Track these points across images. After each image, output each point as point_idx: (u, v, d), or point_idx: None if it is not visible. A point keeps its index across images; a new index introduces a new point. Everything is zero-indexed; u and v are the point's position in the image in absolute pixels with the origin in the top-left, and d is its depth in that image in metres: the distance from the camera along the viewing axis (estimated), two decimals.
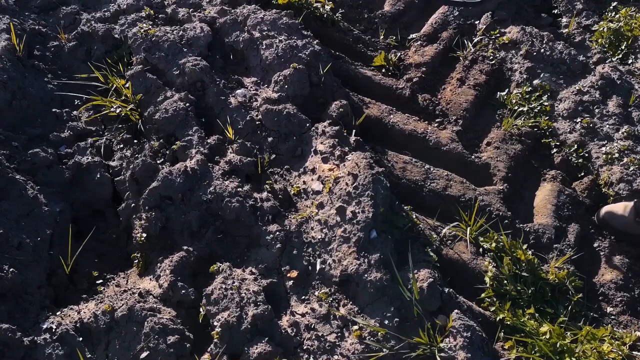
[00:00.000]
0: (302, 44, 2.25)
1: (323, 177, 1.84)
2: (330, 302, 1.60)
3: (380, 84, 2.41)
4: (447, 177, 2.04)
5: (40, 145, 2.04)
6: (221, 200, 1.80)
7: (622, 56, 2.41)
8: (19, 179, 1.86)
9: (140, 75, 2.21)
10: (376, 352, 1.46)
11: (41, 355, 1.49)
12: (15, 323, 1.53)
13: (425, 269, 1.58)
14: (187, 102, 2.11)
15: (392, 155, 2.11)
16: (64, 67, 2.45)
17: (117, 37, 2.47)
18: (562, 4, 2.69)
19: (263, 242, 1.75)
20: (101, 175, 1.99)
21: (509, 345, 1.54)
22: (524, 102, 2.27)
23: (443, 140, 2.17)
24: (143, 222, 1.80)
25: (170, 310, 1.63)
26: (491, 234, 1.84)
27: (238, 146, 1.98)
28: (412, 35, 2.64)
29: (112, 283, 1.77)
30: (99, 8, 2.72)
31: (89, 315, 1.58)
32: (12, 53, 2.29)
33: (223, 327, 1.52)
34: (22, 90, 2.20)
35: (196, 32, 2.37)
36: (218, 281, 1.63)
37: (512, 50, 2.46)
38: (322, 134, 1.96)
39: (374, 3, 2.88)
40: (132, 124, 2.18)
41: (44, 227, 1.79)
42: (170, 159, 1.99)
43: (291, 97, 2.11)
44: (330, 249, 1.67)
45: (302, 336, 1.54)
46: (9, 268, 1.62)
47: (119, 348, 1.53)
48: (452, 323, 1.47)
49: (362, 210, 1.67)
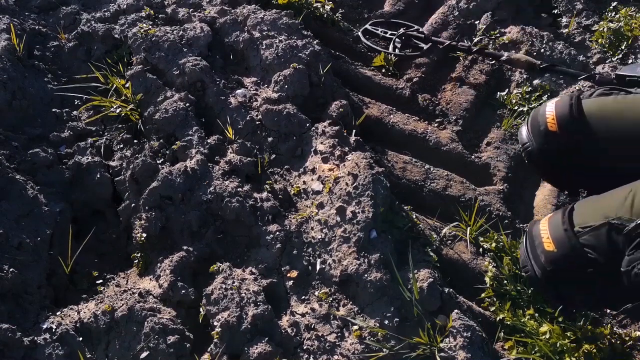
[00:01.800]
0: (302, 44, 2.25)
1: (323, 177, 1.84)
2: (330, 302, 1.60)
3: (380, 84, 2.41)
4: (447, 177, 2.04)
5: (40, 145, 2.04)
6: (221, 200, 1.80)
7: (622, 56, 2.41)
8: (19, 179, 1.86)
9: (140, 75, 2.21)
10: (376, 352, 1.46)
11: (41, 355, 1.49)
12: (15, 323, 1.53)
13: (425, 269, 1.58)
14: (187, 102, 2.11)
15: (392, 155, 2.11)
16: (64, 67, 2.45)
17: (117, 37, 2.47)
18: (562, 4, 2.69)
19: (263, 242, 1.75)
20: (101, 175, 2.00)
21: (509, 345, 1.54)
22: (524, 102, 2.27)
23: (443, 140, 2.17)
24: (143, 222, 1.80)
25: (170, 310, 1.63)
26: (491, 234, 1.84)
27: (238, 146, 1.98)
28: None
29: (112, 283, 1.77)
30: (99, 8, 2.72)
31: (89, 315, 1.58)
32: (12, 53, 2.29)
33: (223, 327, 1.52)
34: (22, 90, 2.20)
35: (196, 32, 2.37)
36: (218, 281, 1.63)
37: (512, 50, 2.46)
38: (322, 134, 1.96)
39: (374, 3, 2.88)
40: (132, 124, 2.18)
41: (44, 227, 1.79)
42: (170, 159, 1.99)
43: (291, 97, 2.11)
44: (330, 249, 1.67)
45: (302, 336, 1.54)
46: (9, 268, 1.62)
47: (119, 348, 1.53)
48: (452, 323, 1.47)
49: (362, 210, 1.67)
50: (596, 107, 1.47)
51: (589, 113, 1.46)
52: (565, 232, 1.31)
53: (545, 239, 1.36)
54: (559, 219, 1.36)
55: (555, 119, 1.49)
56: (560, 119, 1.48)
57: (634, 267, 1.15)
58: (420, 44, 2.52)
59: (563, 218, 1.34)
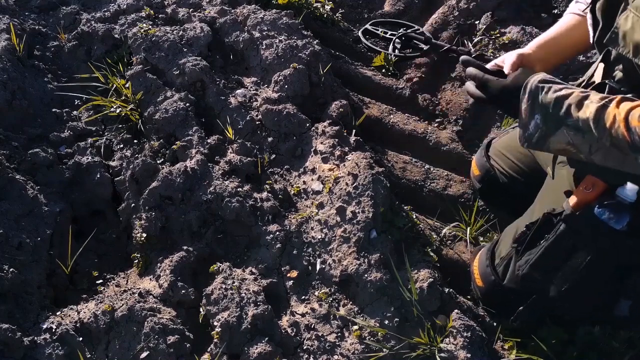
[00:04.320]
0: (302, 44, 2.25)
1: (323, 177, 1.84)
2: (330, 302, 1.60)
3: (380, 84, 2.41)
4: (447, 177, 2.04)
5: (40, 145, 2.04)
6: (221, 200, 1.80)
7: None
8: (19, 179, 1.86)
9: (140, 75, 2.21)
10: (376, 352, 1.46)
11: (41, 355, 1.49)
12: (15, 323, 1.53)
13: (425, 269, 1.58)
14: (187, 102, 2.11)
15: (392, 155, 2.11)
16: (64, 67, 2.45)
17: (117, 37, 2.47)
18: (562, 4, 2.69)
19: (263, 242, 1.75)
20: (101, 175, 2.00)
21: (509, 346, 1.54)
22: None
23: (443, 140, 2.17)
24: (143, 222, 1.80)
25: (170, 310, 1.63)
26: (491, 234, 1.84)
27: (238, 146, 1.98)
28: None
29: (112, 283, 1.77)
30: (99, 8, 2.72)
31: (89, 315, 1.58)
32: (12, 53, 2.29)
33: (223, 327, 1.52)
34: (22, 90, 2.20)
35: (196, 32, 2.37)
36: (218, 281, 1.63)
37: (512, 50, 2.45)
38: (322, 134, 1.96)
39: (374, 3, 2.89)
40: (132, 124, 2.18)
41: (44, 227, 1.79)
42: (170, 159, 1.99)
43: (291, 97, 2.11)
44: (330, 249, 1.67)
45: (302, 336, 1.54)
46: (9, 268, 1.62)
47: (119, 348, 1.53)
48: (452, 323, 1.47)
49: (362, 210, 1.67)
50: (500, 145, 1.75)
51: (496, 152, 1.75)
52: (487, 269, 1.53)
53: (476, 275, 1.59)
54: (484, 255, 1.57)
55: (476, 164, 1.81)
56: (478, 164, 1.80)
57: (519, 270, 1.37)
58: (420, 45, 2.52)
59: (487, 254, 1.56)
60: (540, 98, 1.17)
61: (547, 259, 1.32)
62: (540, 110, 1.17)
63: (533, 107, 1.18)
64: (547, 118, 1.16)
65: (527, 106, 1.19)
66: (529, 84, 1.20)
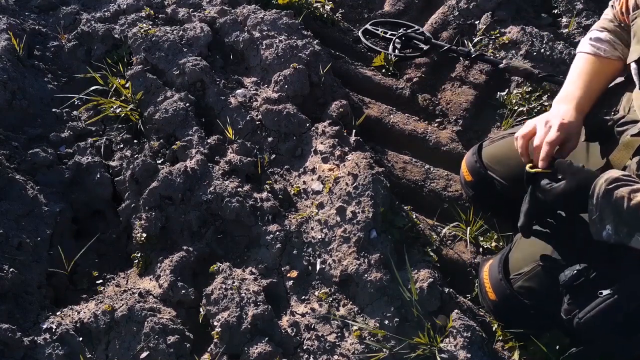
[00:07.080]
0: (302, 44, 2.25)
1: (323, 177, 1.84)
2: (330, 302, 1.60)
3: (380, 84, 2.41)
4: (447, 177, 2.04)
5: (40, 145, 2.04)
6: (221, 200, 1.80)
7: None
8: (19, 179, 1.86)
9: (140, 75, 2.21)
10: (376, 352, 1.46)
11: (41, 355, 1.49)
12: (15, 323, 1.53)
13: (425, 269, 1.58)
14: (187, 102, 2.11)
15: (392, 155, 2.11)
16: (64, 67, 2.45)
17: (117, 37, 2.47)
18: (562, 4, 2.69)
19: (263, 242, 1.75)
20: (101, 175, 2.00)
21: (509, 346, 1.54)
22: (524, 102, 2.27)
23: (443, 140, 2.17)
24: (143, 222, 1.80)
25: (170, 310, 1.63)
26: (491, 234, 1.84)
27: (238, 146, 1.98)
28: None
29: (112, 283, 1.77)
30: (99, 8, 2.72)
31: (89, 315, 1.58)
32: (12, 53, 2.29)
33: (223, 327, 1.52)
34: (22, 90, 2.20)
35: (196, 32, 2.37)
36: (218, 281, 1.63)
37: (512, 50, 2.46)
38: (322, 134, 1.96)
39: (374, 3, 2.89)
40: (132, 124, 2.18)
41: (44, 227, 1.79)
42: (170, 159, 1.99)
43: (291, 97, 2.11)
44: (330, 249, 1.67)
45: (302, 336, 1.54)
46: (9, 268, 1.62)
47: (119, 348, 1.53)
48: (452, 323, 1.47)
49: (362, 210, 1.67)
50: (493, 150, 1.70)
51: (489, 156, 1.69)
52: (501, 282, 1.46)
53: (488, 287, 1.52)
54: (495, 268, 1.50)
55: (467, 169, 1.74)
56: (470, 169, 1.73)
57: (574, 316, 1.22)
58: (420, 45, 2.52)
59: (499, 267, 1.48)
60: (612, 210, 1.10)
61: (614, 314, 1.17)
62: (611, 222, 1.12)
63: (602, 219, 1.13)
64: (619, 229, 1.11)
65: (596, 217, 1.14)
66: (595, 191, 1.14)
